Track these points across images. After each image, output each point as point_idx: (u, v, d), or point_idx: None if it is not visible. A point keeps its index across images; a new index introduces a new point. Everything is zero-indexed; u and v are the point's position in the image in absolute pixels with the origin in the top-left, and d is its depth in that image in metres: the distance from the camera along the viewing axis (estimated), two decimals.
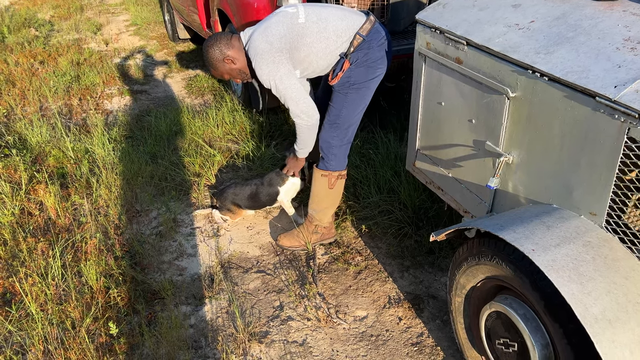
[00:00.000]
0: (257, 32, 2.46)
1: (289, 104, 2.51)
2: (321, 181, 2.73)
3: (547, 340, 1.58)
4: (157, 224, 3.17)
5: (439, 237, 1.87)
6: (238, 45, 2.54)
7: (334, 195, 2.79)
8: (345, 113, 2.58)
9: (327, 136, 2.64)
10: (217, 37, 2.54)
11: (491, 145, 1.96)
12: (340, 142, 2.65)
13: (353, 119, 2.62)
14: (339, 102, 2.58)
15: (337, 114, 2.59)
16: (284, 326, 2.40)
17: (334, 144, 2.64)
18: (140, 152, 3.85)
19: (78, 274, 2.66)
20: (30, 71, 5.67)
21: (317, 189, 2.77)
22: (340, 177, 2.74)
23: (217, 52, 2.52)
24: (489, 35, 1.93)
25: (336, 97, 2.58)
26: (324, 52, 2.49)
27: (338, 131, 2.61)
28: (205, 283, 2.67)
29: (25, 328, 2.35)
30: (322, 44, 2.47)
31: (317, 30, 2.46)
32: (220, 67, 2.56)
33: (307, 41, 2.45)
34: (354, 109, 2.59)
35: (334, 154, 2.66)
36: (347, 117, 2.60)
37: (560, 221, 1.63)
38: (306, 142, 2.67)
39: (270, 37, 2.41)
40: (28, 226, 3.05)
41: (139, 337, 2.33)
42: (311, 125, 2.58)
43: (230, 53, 2.53)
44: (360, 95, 2.57)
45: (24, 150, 3.85)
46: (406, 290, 2.57)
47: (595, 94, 1.49)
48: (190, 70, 6.00)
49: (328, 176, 2.71)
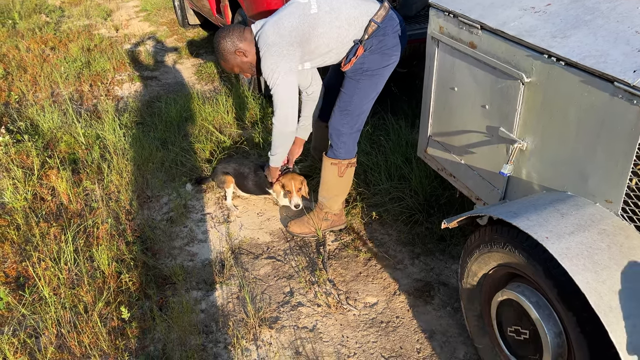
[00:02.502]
0: (269, 24, 2.43)
1: (276, 103, 2.49)
2: (331, 169, 2.72)
3: (559, 329, 1.57)
4: (167, 209, 3.18)
5: (450, 224, 1.86)
6: (250, 37, 2.52)
7: (344, 183, 2.78)
8: (356, 100, 2.56)
9: (337, 123, 2.62)
10: (230, 29, 2.52)
11: (505, 131, 1.93)
12: (350, 130, 2.62)
13: (364, 107, 2.60)
14: (350, 88, 2.55)
15: (349, 100, 2.56)
16: (294, 312, 2.40)
17: (343, 131, 2.62)
18: (150, 138, 3.85)
19: (90, 259, 2.69)
20: (42, 57, 5.69)
21: (327, 177, 2.76)
22: (350, 166, 2.73)
23: (229, 43, 2.50)
24: (503, 19, 1.89)
25: (348, 83, 2.56)
26: (337, 42, 2.46)
27: (348, 118, 2.59)
28: (216, 268, 2.68)
29: (38, 311, 2.38)
30: (334, 33, 2.44)
31: (329, 20, 2.42)
32: (231, 59, 2.54)
33: (319, 32, 2.42)
34: (365, 96, 2.56)
35: (344, 141, 2.64)
36: (358, 105, 2.57)
37: (574, 209, 1.61)
38: (277, 148, 2.70)
39: (282, 30, 2.38)
40: (41, 211, 3.08)
41: (151, 321, 2.35)
42: (286, 133, 2.59)
43: (242, 45, 2.51)
44: (373, 82, 2.54)
45: (36, 136, 3.87)
46: (416, 278, 2.56)
47: (613, 78, 1.45)
48: (201, 57, 5.99)
49: (337, 164, 2.69)
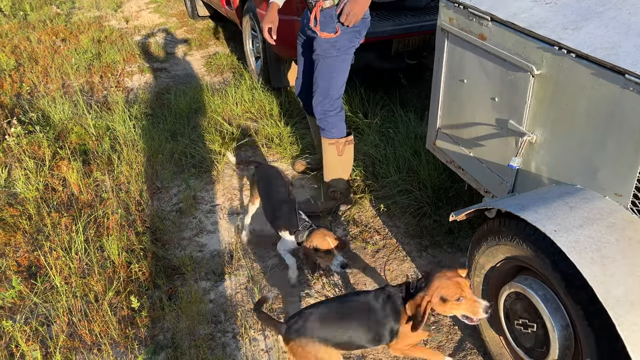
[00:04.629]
0: None
1: None
2: (330, 149, 2.84)
3: (567, 322, 1.57)
4: (177, 200, 3.20)
5: (458, 217, 1.85)
6: None
7: (345, 162, 2.90)
8: (334, 82, 2.69)
9: (321, 106, 2.75)
10: None
11: (514, 124, 1.92)
12: (332, 107, 2.75)
13: (341, 86, 2.73)
14: (326, 71, 2.66)
15: (327, 83, 2.69)
16: (302, 303, 2.42)
17: (330, 113, 2.75)
18: (160, 129, 3.87)
19: (100, 249, 2.72)
20: (53, 49, 5.72)
21: (328, 158, 2.89)
22: (347, 143, 2.84)
23: None
24: (514, 11, 1.87)
25: (324, 62, 2.64)
26: None
27: (328, 99, 2.73)
28: (225, 259, 2.70)
29: (50, 300, 2.42)
30: None
31: None
32: None
33: None
34: (341, 75, 2.70)
35: (331, 122, 2.77)
36: (337, 85, 2.71)
37: (583, 202, 1.60)
38: None
39: None
40: (52, 201, 3.11)
41: (160, 311, 2.38)
42: None
43: None
44: (347, 61, 2.68)
45: (47, 127, 3.90)
46: (424, 270, 2.57)
47: (624, 71, 1.44)
48: (210, 48, 5.99)
49: (335, 144, 2.81)
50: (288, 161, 3.54)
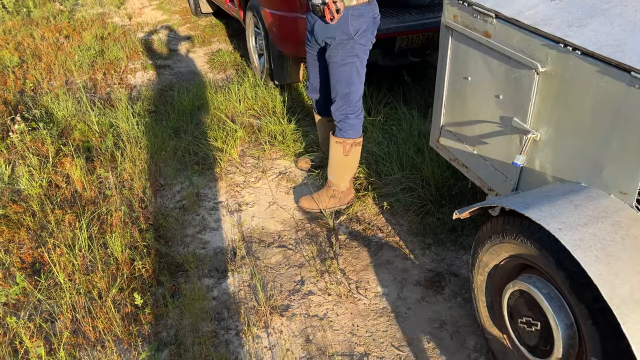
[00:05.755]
0: None
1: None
2: (336, 148, 2.83)
3: (571, 320, 1.56)
4: (180, 197, 3.20)
5: (462, 215, 1.85)
6: None
7: (350, 162, 2.89)
8: (354, 87, 2.68)
9: (341, 110, 2.74)
10: None
11: (518, 121, 1.91)
12: (354, 110, 2.76)
13: (360, 87, 2.72)
14: (344, 76, 2.65)
15: (347, 87, 2.67)
16: (305, 300, 2.42)
17: (350, 115, 2.75)
18: (163, 126, 3.88)
19: (104, 246, 2.72)
20: (56, 45, 5.73)
21: (333, 156, 2.87)
22: (354, 145, 2.83)
23: None
24: (519, 8, 1.87)
25: (343, 69, 2.63)
26: None
27: (349, 103, 2.72)
28: (228, 257, 2.71)
29: (54, 297, 2.42)
30: None
31: None
32: None
33: None
34: (361, 79, 2.70)
35: (351, 124, 2.77)
36: (356, 89, 2.70)
37: (588, 200, 1.59)
38: None
39: None
40: (55, 198, 3.12)
41: (163, 308, 2.38)
42: None
43: None
44: (362, 63, 2.67)
45: (51, 124, 3.91)
46: (427, 268, 2.56)
47: (630, 68, 1.43)
48: (213, 45, 5.99)
49: (342, 143, 2.80)
50: (291, 158, 3.54)
